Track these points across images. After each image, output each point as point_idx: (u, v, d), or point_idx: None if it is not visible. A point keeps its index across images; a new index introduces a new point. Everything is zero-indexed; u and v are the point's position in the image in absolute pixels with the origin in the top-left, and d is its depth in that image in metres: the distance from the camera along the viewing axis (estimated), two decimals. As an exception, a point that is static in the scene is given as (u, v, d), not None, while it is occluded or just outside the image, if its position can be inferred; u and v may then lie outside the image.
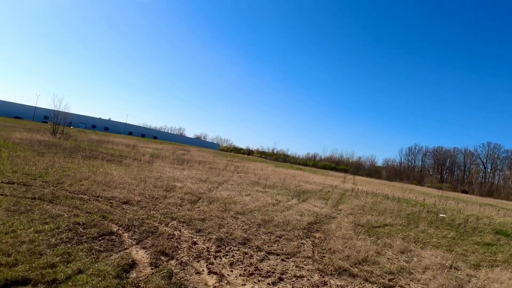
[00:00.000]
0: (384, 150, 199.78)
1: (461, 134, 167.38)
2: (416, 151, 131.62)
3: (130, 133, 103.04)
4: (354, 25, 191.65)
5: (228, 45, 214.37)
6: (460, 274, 7.05)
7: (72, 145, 24.41)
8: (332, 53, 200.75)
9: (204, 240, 6.85)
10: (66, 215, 6.80)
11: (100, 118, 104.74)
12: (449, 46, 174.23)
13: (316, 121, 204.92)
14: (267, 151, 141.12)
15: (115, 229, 6.52)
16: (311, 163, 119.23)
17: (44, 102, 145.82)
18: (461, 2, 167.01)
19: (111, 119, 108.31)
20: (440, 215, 17.77)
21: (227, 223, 8.58)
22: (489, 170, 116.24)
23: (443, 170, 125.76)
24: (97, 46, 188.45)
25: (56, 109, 33.44)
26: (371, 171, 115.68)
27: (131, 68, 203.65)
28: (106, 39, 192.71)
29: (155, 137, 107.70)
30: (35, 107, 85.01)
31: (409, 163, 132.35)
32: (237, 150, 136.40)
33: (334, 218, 12.25)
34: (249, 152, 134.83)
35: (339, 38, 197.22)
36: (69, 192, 9.03)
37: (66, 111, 35.18)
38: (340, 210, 14.65)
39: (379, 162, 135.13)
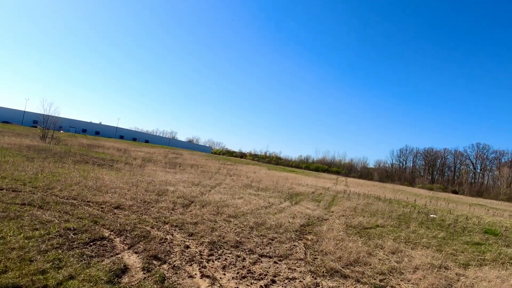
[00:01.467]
0: (375, 152, 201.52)
1: (451, 136, 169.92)
2: (407, 152, 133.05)
3: (122, 137, 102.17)
4: (345, 26, 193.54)
5: (219, 48, 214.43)
6: (450, 274, 7.17)
7: (62, 150, 24.13)
8: (323, 55, 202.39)
9: (197, 244, 6.85)
10: (57, 221, 6.74)
11: (90, 122, 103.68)
12: (437, 51, 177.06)
13: (309, 123, 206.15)
14: (259, 154, 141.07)
15: (106, 234, 6.49)
16: (304, 165, 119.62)
17: (34, 106, 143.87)
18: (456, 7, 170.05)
19: (102, 123, 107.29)
20: (431, 215, 18.01)
21: (220, 226, 8.59)
22: (478, 170, 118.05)
23: (433, 171, 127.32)
24: (87, 49, 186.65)
25: (45, 113, 33.11)
26: (363, 173, 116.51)
27: (122, 71, 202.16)
28: (96, 42, 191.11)
29: (146, 141, 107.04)
30: (24, 111, 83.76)
31: (400, 165, 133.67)
32: (230, 153, 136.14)
33: (326, 220, 12.34)
34: (241, 155, 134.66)
35: (329, 40, 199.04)
36: (60, 198, 8.95)
37: (56, 115, 34.91)
38: (332, 212, 14.75)
39: (371, 164, 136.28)
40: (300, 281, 5.65)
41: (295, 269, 6.26)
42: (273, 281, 5.50)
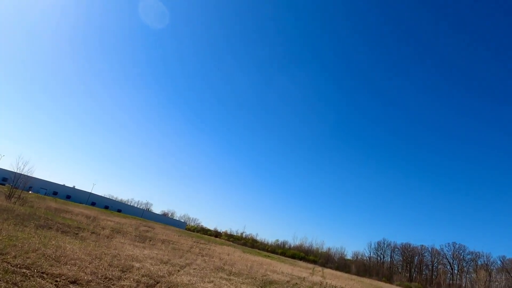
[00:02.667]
0: (354, 242, 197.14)
1: (427, 231, 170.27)
2: (385, 246, 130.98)
3: (93, 204, 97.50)
4: (323, 122, 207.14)
5: (201, 128, 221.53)
6: None
7: (26, 212, 22.62)
8: (304, 150, 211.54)
9: (156, 333, 6.10)
10: (2, 293, 5.99)
11: (63, 185, 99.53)
12: (417, 151, 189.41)
13: (288, 207, 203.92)
14: (235, 234, 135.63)
15: (55, 314, 5.74)
16: (280, 250, 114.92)
17: (7, 163, 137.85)
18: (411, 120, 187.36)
19: (76, 187, 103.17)
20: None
21: (185, 313, 7.79)
22: (456, 271, 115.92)
23: (411, 268, 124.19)
24: (67, 111, 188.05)
25: (18, 171, 31.89)
26: (340, 264, 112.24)
27: (102, 137, 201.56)
28: (84, 107, 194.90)
29: (119, 210, 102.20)
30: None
31: (378, 258, 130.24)
32: (205, 231, 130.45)
33: (301, 314, 11.42)
34: (216, 234, 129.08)
35: (310, 137, 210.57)
36: (12, 266, 8.09)
37: (29, 175, 33.63)
38: (308, 305, 13.75)
39: (349, 255, 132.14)
40: None
41: None
42: None
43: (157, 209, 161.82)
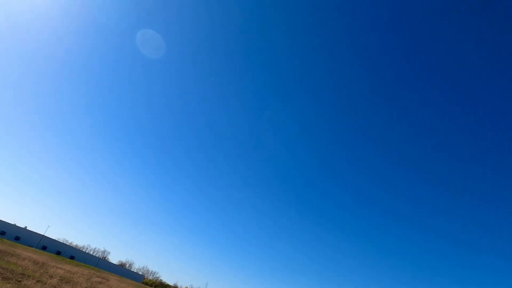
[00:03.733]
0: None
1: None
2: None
3: (44, 248, 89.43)
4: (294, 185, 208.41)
5: (167, 182, 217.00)
6: None
7: (-35, 253, 20.31)
8: (272, 211, 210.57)
9: None
10: None
11: (14, 225, 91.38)
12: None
13: (253, 266, 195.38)
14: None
15: None
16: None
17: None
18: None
19: (27, 228, 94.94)
20: None
21: None
22: None
23: None
24: (30, 150, 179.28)
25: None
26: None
27: (62, 178, 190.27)
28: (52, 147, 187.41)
29: (72, 257, 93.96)
30: None
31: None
32: (164, 286, 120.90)
33: None
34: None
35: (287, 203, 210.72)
36: None
37: (-23, 210, 30.78)
38: None
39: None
40: None
41: None
42: None
43: (114, 259, 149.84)
